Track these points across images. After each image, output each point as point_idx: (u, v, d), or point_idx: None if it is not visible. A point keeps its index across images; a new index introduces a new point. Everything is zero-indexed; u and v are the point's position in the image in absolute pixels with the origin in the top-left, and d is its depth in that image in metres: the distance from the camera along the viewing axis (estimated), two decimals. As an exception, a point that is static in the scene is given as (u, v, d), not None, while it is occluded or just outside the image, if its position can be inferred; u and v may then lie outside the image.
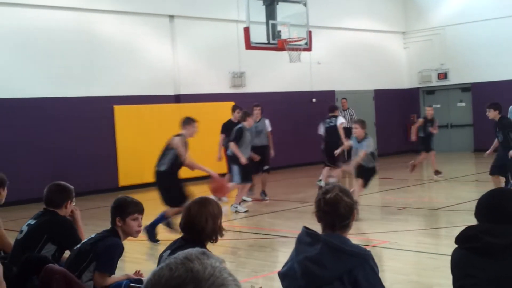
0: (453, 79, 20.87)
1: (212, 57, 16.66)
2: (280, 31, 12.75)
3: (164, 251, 3.93)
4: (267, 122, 12.44)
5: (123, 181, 14.78)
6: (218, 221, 3.89)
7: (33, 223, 5.01)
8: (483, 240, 2.93)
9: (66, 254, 4.99)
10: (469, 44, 20.09)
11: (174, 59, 16.15)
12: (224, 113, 15.91)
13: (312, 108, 18.74)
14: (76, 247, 4.59)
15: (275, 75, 18.02)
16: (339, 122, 12.90)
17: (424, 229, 8.77)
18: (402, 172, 14.75)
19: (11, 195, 13.94)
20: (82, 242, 4.58)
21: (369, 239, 8.25)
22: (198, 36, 16.46)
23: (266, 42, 12.72)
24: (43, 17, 13.83)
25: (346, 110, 17.60)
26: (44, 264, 4.24)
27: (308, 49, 13.50)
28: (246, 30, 12.35)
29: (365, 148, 9.71)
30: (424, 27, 21.39)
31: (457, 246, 3.08)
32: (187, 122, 8.87)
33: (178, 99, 16.15)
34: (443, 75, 21.08)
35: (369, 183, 10.00)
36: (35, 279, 4.36)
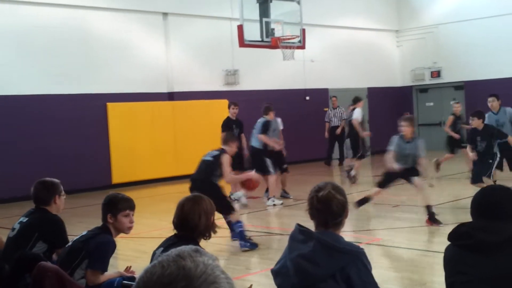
0: (446, 78, 20.93)
1: (206, 54, 16.64)
2: (273, 29, 12.76)
3: (157, 249, 3.92)
4: (279, 120, 12.47)
5: (117, 178, 14.75)
6: (211, 218, 3.89)
7: (25, 220, 5.00)
8: (476, 237, 2.94)
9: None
10: (462, 42, 20.15)
11: (167, 57, 16.12)
12: (217, 110, 15.92)
13: (305, 106, 18.76)
14: (68, 244, 4.57)
15: (269, 73, 18.02)
16: (354, 117, 13.50)
17: (417, 226, 8.80)
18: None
19: (5, 192, 13.91)
20: (74, 239, 4.56)
21: (362, 237, 8.27)
22: (192, 33, 16.44)
23: (260, 40, 12.72)
24: (35, 14, 13.77)
25: (336, 108, 17.63)
26: (37, 262, 4.23)
27: (301, 47, 13.53)
28: (240, 28, 12.35)
29: (422, 153, 8.92)
30: (417, 25, 21.43)
31: (449, 243, 3.09)
32: (231, 140, 8.42)
33: (171, 96, 16.13)
34: (436, 74, 21.13)
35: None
36: (27, 277, 4.35)
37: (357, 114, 13.71)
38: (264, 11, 12.73)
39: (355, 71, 20.59)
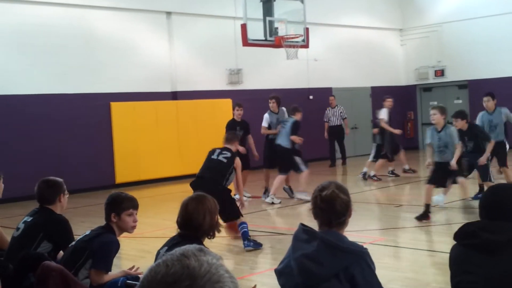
0: (450, 76, 20.89)
1: (209, 54, 16.64)
2: (277, 28, 12.75)
3: (161, 248, 3.93)
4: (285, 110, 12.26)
5: (120, 178, 14.76)
6: (215, 217, 3.90)
7: (29, 220, 4.99)
8: (482, 236, 2.93)
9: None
10: (466, 41, 20.11)
11: (171, 56, 16.13)
12: (221, 110, 15.93)
13: (309, 105, 18.72)
14: (71, 244, 4.57)
15: (272, 72, 18.01)
16: (381, 117, 13.86)
17: (421, 226, 8.78)
18: (399, 169, 14.74)
19: (8, 192, 13.93)
20: (77, 239, 4.55)
21: (365, 236, 8.25)
22: (195, 33, 16.44)
23: (263, 39, 12.71)
24: (39, 13, 13.79)
25: (335, 107, 17.54)
26: (41, 261, 4.23)
27: (305, 46, 13.50)
28: (243, 27, 12.34)
29: (455, 140, 8.82)
30: (421, 24, 21.40)
31: (455, 242, 3.08)
32: (236, 140, 8.49)
33: (175, 96, 16.13)
34: (440, 72, 21.09)
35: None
36: (31, 277, 4.35)
37: (383, 114, 13.81)
38: (267, 10, 12.72)
39: (359, 70, 20.56)
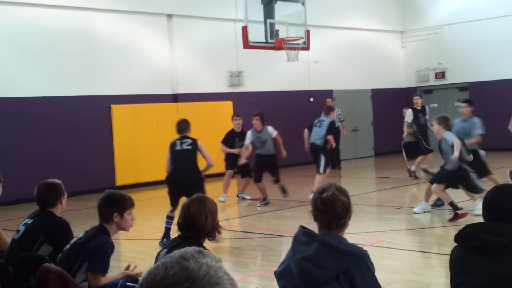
0: (450, 79, 20.90)
1: (210, 56, 16.66)
2: (278, 30, 12.76)
3: (161, 250, 3.93)
4: (270, 128, 11.81)
5: (120, 180, 14.76)
6: (216, 218, 3.90)
7: (29, 222, 4.98)
8: (483, 238, 2.92)
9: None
10: (466, 43, 20.12)
11: (172, 58, 16.14)
12: (222, 112, 15.94)
13: (309, 107, 18.73)
14: (66, 247, 4.52)
15: (273, 74, 18.02)
16: (406, 118, 13.99)
17: (420, 228, 8.78)
18: (399, 171, 14.74)
19: (8, 194, 13.92)
20: (71, 242, 4.48)
21: (365, 238, 8.25)
22: (196, 35, 16.45)
23: (264, 41, 12.72)
24: (40, 15, 13.82)
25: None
26: (41, 263, 4.22)
27: (306, 48, 13.51)
28: (244, 29, 12.35)
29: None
30: (422, 26, 21.41)
31: (456, 244, 3.08)
32: (186, 125, 8.80)
33: (176, 98, 16.14)
34: (441, 75, 21.11)
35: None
36: (31, 279, 4.34)
37: (408, 116, 13.93)
38: (268, 12, 12.73)
39: (360, 72, 20.57)
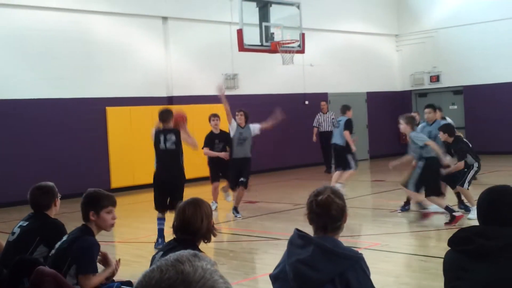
0: (445, 82, 20.95)
1: (205, 59, 16.65)
2: (273, 33, 12.78)
3: (157, 253, 3.92)
4: (253, 126, 10.88)
5: (115, 183, 14.73)
6: (211, 220, 3.90)
7: (24, 225, 4.97)
8: (476, 242, 2.92)
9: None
10: (461, 47, 20.19)
11: (167, 61, 16.13)
12: (216, 115, 15.88)
13: (304, 110, 18.76)
14: (51, 252, 4.48)
15: (268, 77, 18.03)
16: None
17: (415, 231, 8.79)
18: (394, 174, 14.76)
19: (3, 196, 13.86)
20: (56, 247, 4.45)
21: (360, 241, 8.26)
22: (191, 38, 16.45)
23: (259, 44, 12.73)
24: (35, 17, 13.78)
25: (327, 113, 17.47)
26: (35, 266, 4.21)
27: (301, 51, 13.54)
28: (239, 32, 12.36)
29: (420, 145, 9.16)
30: (416, 30, 21.47)
31: (449, 248, 3.08)
32: (169, 114, 8.68)
33: (170, 101, 16.12)
34: (436, 78, 21.16)
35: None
36: (26, 281, 4.32)
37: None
38: (263, 15, 12.75)
39: (355, 75, 20.60)
